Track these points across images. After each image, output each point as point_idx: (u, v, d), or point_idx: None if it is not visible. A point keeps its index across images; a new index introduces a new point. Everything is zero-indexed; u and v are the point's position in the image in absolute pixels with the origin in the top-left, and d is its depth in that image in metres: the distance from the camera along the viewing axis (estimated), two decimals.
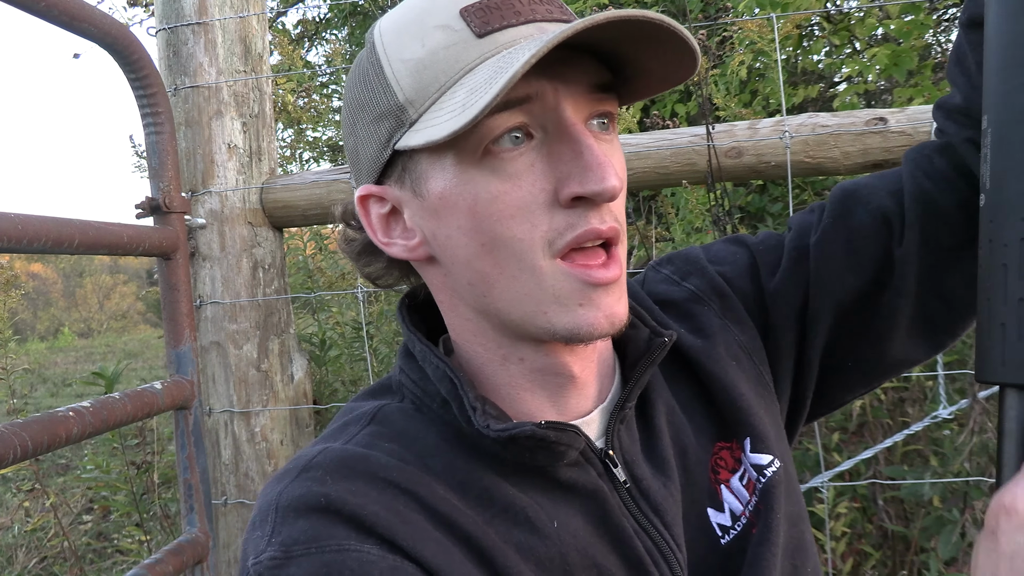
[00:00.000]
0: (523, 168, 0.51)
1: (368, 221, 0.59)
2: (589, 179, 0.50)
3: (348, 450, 0.55)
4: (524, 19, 0.51)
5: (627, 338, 0.63)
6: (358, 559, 0.48)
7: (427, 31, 0.52)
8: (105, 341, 14.60)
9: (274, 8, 4.24)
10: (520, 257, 0.52)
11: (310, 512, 0.50)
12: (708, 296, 0.69)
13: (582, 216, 0.51)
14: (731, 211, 2.00)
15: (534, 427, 0.53)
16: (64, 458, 4.30)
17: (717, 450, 0.64)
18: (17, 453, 0.91)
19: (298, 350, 1.69)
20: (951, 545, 1.70)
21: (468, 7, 0.51)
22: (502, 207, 0.51)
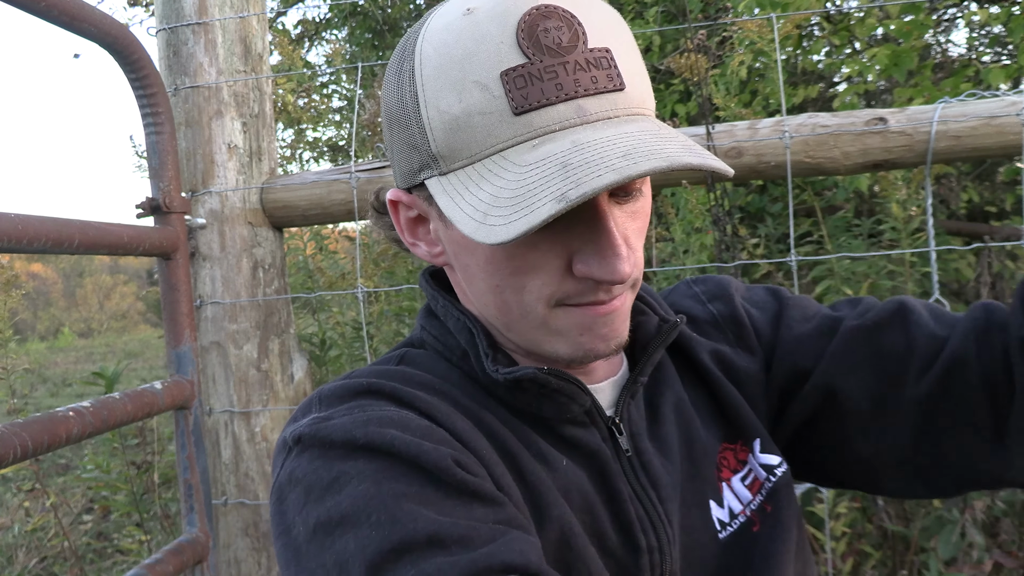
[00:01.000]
0: (542, 235, 0.52)
1: (397, 220, 0.62)
2: (600, 267, 0.52)
3: (376, 377, 0.58)
4: (565, 95, 0.49)
5: (636, 324, 0.64)
6: (400, 414, 0.52)
7: (466, 86, 0.50)
8: (105, 341, 14.60)
9: (274, 8, 4.24)
10: (526, 303, 0.55)
11: (353, 395, 0.55)
12: (727, 323, 0.72)
13: (591, 289, 0.54)
14: (731, 211, 2.00)
15: (536, 370, 0.56)
16: (64, 458, 4.30)
17: (722, 450, 0.66)
18: (17, 453, 0.91)
19: (298, 350, 1.69)
20: (951, 545, 1.70)
21: (509, 71, 0.49)
22: (518, 264, 0.54)
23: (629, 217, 0.55)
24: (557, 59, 0.49)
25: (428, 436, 0.51)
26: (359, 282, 1.70)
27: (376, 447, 0.50)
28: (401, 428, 0.51)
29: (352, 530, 0.47)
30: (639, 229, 0.56)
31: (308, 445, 0.52)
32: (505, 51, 0.49)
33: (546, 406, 0.59)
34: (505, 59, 0.49)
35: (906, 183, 1.79)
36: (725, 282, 0.75)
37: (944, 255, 2.04)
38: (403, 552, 0.45)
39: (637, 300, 0.66)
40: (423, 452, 0.49)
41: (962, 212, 2.55)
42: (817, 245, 2.08)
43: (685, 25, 2.21)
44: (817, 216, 2.04)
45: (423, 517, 0.46)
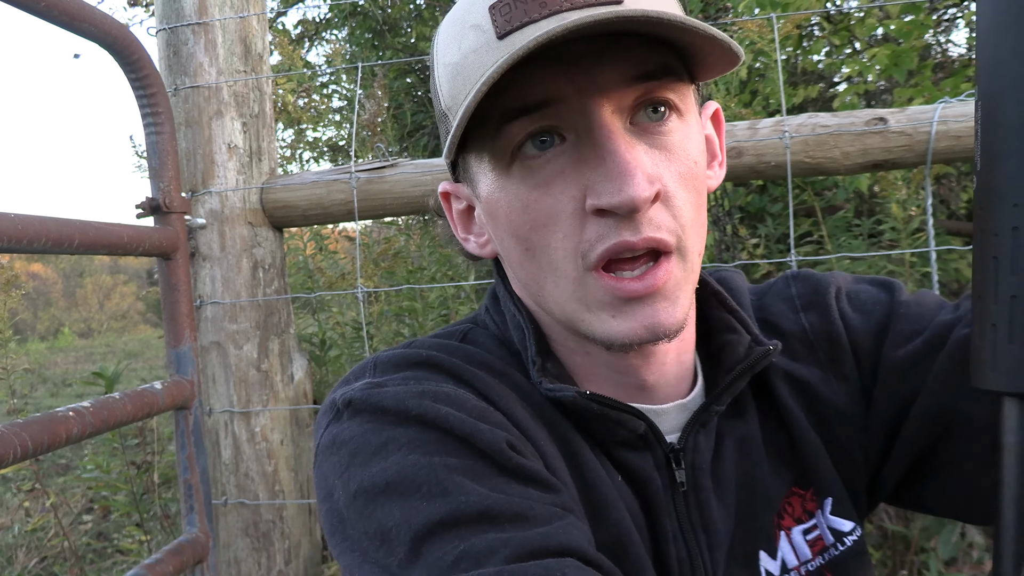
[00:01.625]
0: (552, 175, 0.49)
1: (451, 216, 0.60)
2: (608, 190, 0.46)
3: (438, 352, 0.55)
4: (548, 11, 0.46)
5: (724, 343, 0.59)
6: (456, 392, 0.49)
7: (464, 32, 0.49)
8: (105, 341, 14.60)
9: (274, 8, 4.24)
10: (556, 265, 0.50)
11: (410, 365, 0.53)
12: (819, 341, 0.62)
13: (613, 228, 0.48)
14: (731, 211, 2.00)
15: (576, 394, 0.51)
16: (64, 458, 4.30)
17: (789, 494, 0.59)
18: (17, 453, 0.91)
19: (298, 350, 1.69)
20: (951, 545, 1.70)
21: (497, 3, 0.47)
22: (534, 215, 0.49)
23: (661, 155, 0.49)
24: None
25: (484, 417, 0.48)
26: (359, 282, 1.70)
27: (428, 420, 0.47)
28: (456, 406, 0.48)
29: (398, 499, 0.44)
30: (680, 173, 0.50)
31: (358, 410, 0.49)
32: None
33: (594, 426, 0.54)
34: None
35: (906, 183, 1.79)
36: (824, 284, 0.64)
37: (944, 255, 2.04)
38: (452, 525, 0.42)
39: (728, 314, 0.60)
40: (477, 431, 0.46)
41: (962, 212, 2.55)
42: (817, 245, 2.08)
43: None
44: (817, 216, 2.04)
45: (475, 491, 0.43)
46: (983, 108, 0.46)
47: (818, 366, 0.61)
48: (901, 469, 0.59)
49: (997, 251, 0.45)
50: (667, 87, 0.49)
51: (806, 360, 0.61)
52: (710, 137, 0.59)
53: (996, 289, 0.46)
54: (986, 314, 0.47)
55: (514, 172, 0.50)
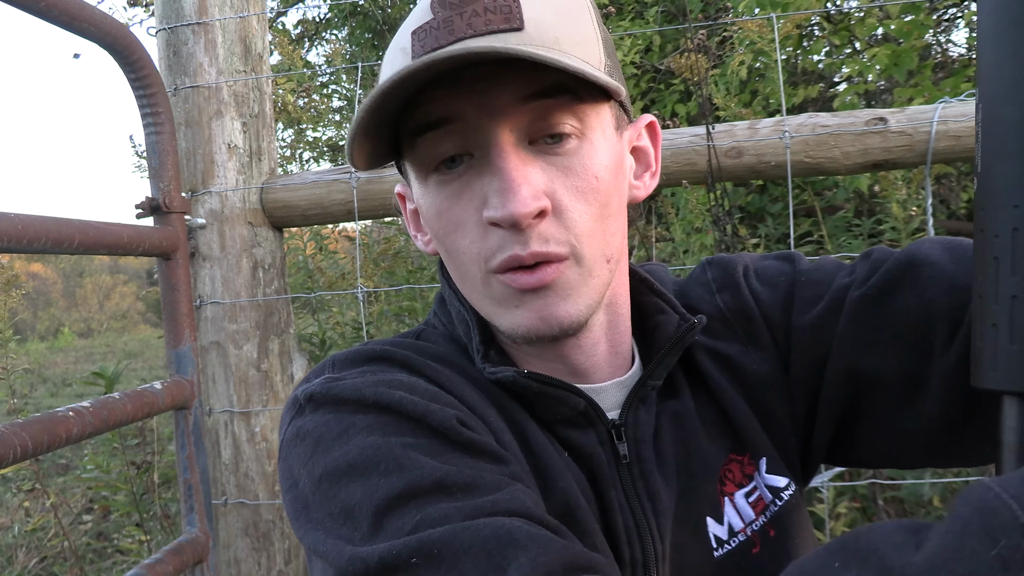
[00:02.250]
0: (460, 187, 0.53)
1: (405, 215, 0.65)
2: (494, 205, 0.51)
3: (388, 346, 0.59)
4: (454, 38, 0.50)
5: (656, 324, 0.63)
6: (408, 380, 0.54)
7: (395, 54, 0.54)
8: (105, 341, 14.60)
9: (274, 8, 4.24)
10: (467, 267, 0.55)
11: (366, 360, 0.57)
12: (735, 318, 0.66)
13: (508, 240, 0.52)
14: (731, 211, 2.00)
15: (515, 373, 0.56)
16: (64, 458, 4.30)
17: (728, 461, 0.63)
18: (17, 453, 0.91)
19: (298, 350, 1.69)
20: None
21: (417, 29, 0.52)
22: (446, 222, 0.55)
23: (558, 172, 0.53)
24: (456, 10, 0.51)
25: (435, 399, 0.52)
26: (359, 282, 1.70)
27: (384, 405, 0.51)
28: (410, 391, 0.52)
29: (359, 478, 0.47)
30: (577, 188, 0.53)
31: (319, 403, 0.53)
32: (421, 15, 0.52)
33: (537, 406, 0.58)
34: (418, 20, 0.52)
35: (906, 183, 1.79)
36: (733, 265, 0.69)
37: None
38: (409, 497, 0.46)
39: (656, 297, 0.64)
40: (430, 412, 0.50)
41: (962, 212, 2.55)
42: (817, 245, 2.08)
43: (685, 25, 2.21)
44: (817, 216, 2.04)
45: (429, 465, 0.47)
46: (983, 110, 0.47)
47: (737, 340, 0.66)
48: (830, 429, 0.64)
49: (998, 252, 0.46)
50: (564, 107, 0.52)
51: (726, 337, 0.66)
52: (643, 148, 0.63)
53: (997, 289, 0.46)
54: (986, 314, 0.47)
55: (431, 181, 0.55)
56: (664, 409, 0.63)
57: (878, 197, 2.08)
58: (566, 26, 0.52)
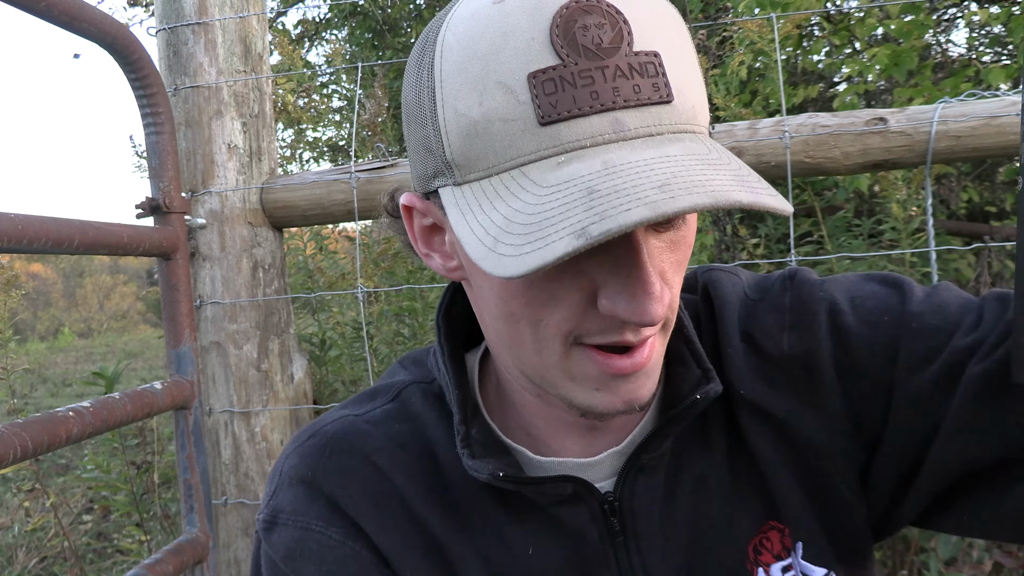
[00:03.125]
0: (564, 264, 0.45)
1: (411, 228, 0.55)
2: (625, 305, 0.44)
3: (357, 426, 0.59)
4: (600, 106, 0.42)
5: (671, 374, 0.57)
6: (319, 541, 0.55)
7: (488, 87, 0.43)
8: (105, 341, 14.60)
9: (274, 8, 4.24)
10: (543, 339, 0.48)
11: (300, 483, 0.57)
12: (796, 367, 0.57)
13: (616, 327, 0.47)
14: (731, 211, 2.00)
15: (490, 476, 0.53)
16: (64, 458, 4.30)
17: (766, 528, 0.56)
18: (17, 453, 0.91)
19: (298, 350, 1.69)
20: (951, 545, 1.70)
21: (538, 73, 0.42)
22: (535, 294, 0.47)
23: (668, 248, 0.47)
24: (595, 62, 0.42)
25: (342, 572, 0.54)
26: (359, 282, 1.70)
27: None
28: (317, 563, 0.54)
29: None
30: (678, 262, 0.49)
31: (264, 551, 0.58)
32: (536, 49, 0.43)
33: (524, 489, 0.54)
34: (535, 59, 0.43)
35: (906, 183, 1.79)
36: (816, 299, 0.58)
37: (944, 255, 2.04)
38: None
39: (682, 343, 0.57)
40: None
41: (962, 212, 2.55)
42: (817, 245, 2.08)
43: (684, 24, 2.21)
44: (817, 216, 2.04)
45: None
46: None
47: (794, 396, 0.57)
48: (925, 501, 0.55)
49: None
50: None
51: (780, 388, 0.57)
52: None
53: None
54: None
55: None
56: (688, 468, 0.57)
57: (878, 197, 2.08)
58: (693, 81, 0.46)
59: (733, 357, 0.58)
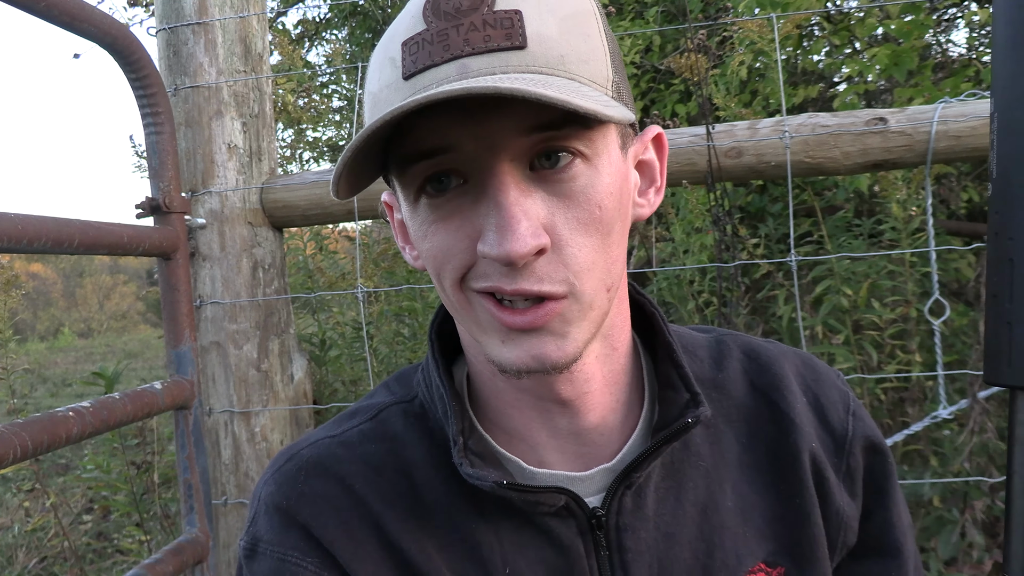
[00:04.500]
0: (449, 212, 0.50)
1: (392, 225, 0.61)
2: (489, 241, 0.47)
3: (333, 450, 0.60)
4: (450, 55, 0.47)
5: (663, 398, 0.59)
6: (294, 572, 0.56)
7: (383, 63, 0.51)
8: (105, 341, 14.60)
9: (274, 8, 4.24)
10: (448, 292, 0.53)
11: (276, 511, 0.59)
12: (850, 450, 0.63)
13: (495, 271, 0.49)
14: (731, 211, 2.00)
15: (494, 485, 0.53)
16: (64, 458, 4.30)
17: (756, 569, 0.59)
18: (17, 453, 0.91)
19: (298, 350, 1.69)
20: (951, 545, 1.70)
21: (408, 40, 0.49)
22: (430, 245, 0.51)
23: (560, 201, 0.49)
24: (452, 23, 0.47)
25: None
26: (359, 282, 1.70)
27: None
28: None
29: None
30: (577, 219, 0.49)
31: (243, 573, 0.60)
32: (411, 23, 0.49)
33: (515, 500, 0.55)
34: (409, 30, 0.49)
35: (906, 183, 1.79)
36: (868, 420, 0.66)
37: (944, 255, 2.04)
38: None
39: (671, 368, 0.60)
40: None
41: (962, 212, 2.55)
42: (817, 245, 2.08)
43: (685, 25, 2.21)
44: (817, 216, 2.04)
45: None
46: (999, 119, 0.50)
47: (836, 471, 0.62)
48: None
49: (1013, 254, 0.49)
50: (570, 135, 0.48)
51: (831, 459, 0.62)
52: (649, 162, 0.59)
53: (1011, 290, 0.49)
54: (1001, 313, 0.50)
55: (419, 204, 0.51)
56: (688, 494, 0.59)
57: (878, 197, 2.08)
58: (573, 40, 0.48)
59: (793, 402, 0.62)
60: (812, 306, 1.97)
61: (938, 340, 1.43)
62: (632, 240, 2.42)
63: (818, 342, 1.87)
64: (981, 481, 1.68)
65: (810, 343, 1.87)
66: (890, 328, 1.83)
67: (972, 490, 1.72)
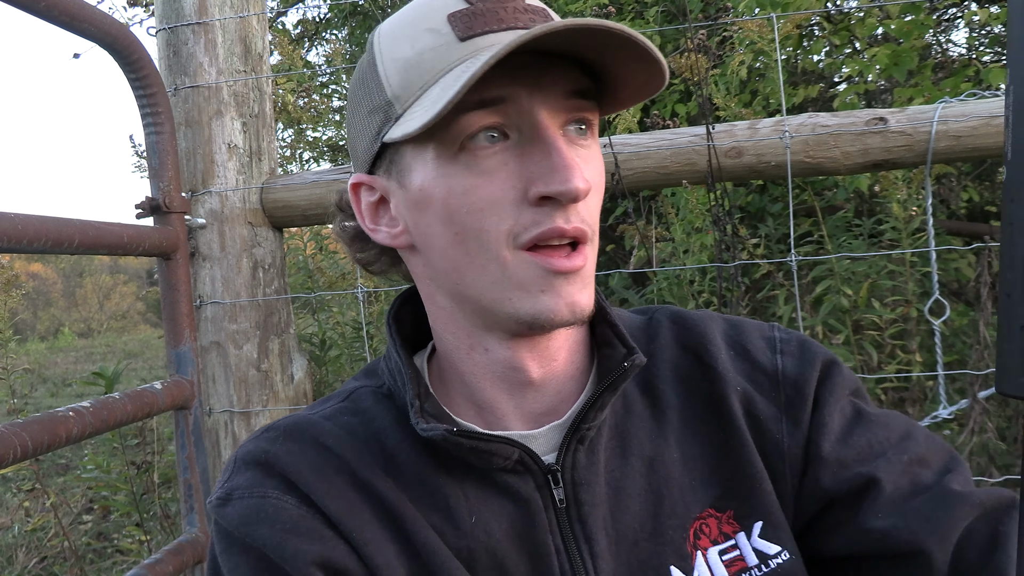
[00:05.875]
0: (496, 165, 0.54)
1: (358, 208, 0.63)
2: (555, 179, 0.52)
3: (309, 418, 0.63)
4: (506, 25, 0.53)
5: (603, 356, 0.63)
6: (275, 505, 0.57)
7: (418, 34, 0.55)
8: (105, 341, 14.60)
9: (274, 8, 4.24)
10: (487, 247, 0.55)
11: (254, 465, 0.60)
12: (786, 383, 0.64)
13: (548, 215, 0.54)
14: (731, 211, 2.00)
15: (445, 432, 0.56)
16: (64, 458, 4.30)
17: (705, 515, 0.61)
18: (17, 453, 0.91)
19: (298, 350, 1.69)
20: None
21: (455, 12, 0.54)
22: (473, 200, 0.54)
23: (583, 151, 0.57)
24: (498, 4, 0.54)
25: (297, 529, 0.56)
26: (359, 282, 1.70)
27: (250, 545, 0.56)
28: (272, 523, 0.56)
29: None
30: (595, 179, 0.57)
31: (216, 528, 0.59)
32: (451, 4, 0.55)
33: (472, 458, 0.58)
34: (451, 7, 0.54)
35: (906, 183, 1.79)
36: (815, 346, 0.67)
37: (944, 255, 2.04)
38: None
39: (607, 327, 0.63)
40: (285, 559, 0.55)
41: (962, 212, 2.55)
42: (817, 245, 2.08)
43: (685, 25, 2.21)
44: (817, 216, 2.04)
45: None
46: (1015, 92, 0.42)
47: (776, 405, 0.64)
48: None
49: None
50: (589, 109, 0.57)
51: (768, 396, 0.64)
52: None
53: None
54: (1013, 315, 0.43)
55: (460, 160, 0.54)
56: (634, 447, 0.62)
57: (878, 197, 2.08)
58: None
59: (716, 353, 0.66)
60: (812, 306, 1.97)
61: (938, 340, 1.43)
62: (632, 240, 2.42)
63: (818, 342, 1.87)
64: (981, 481, 1.68)
65: None
66: (890, 328, 1.84)
67: None
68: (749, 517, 0.61)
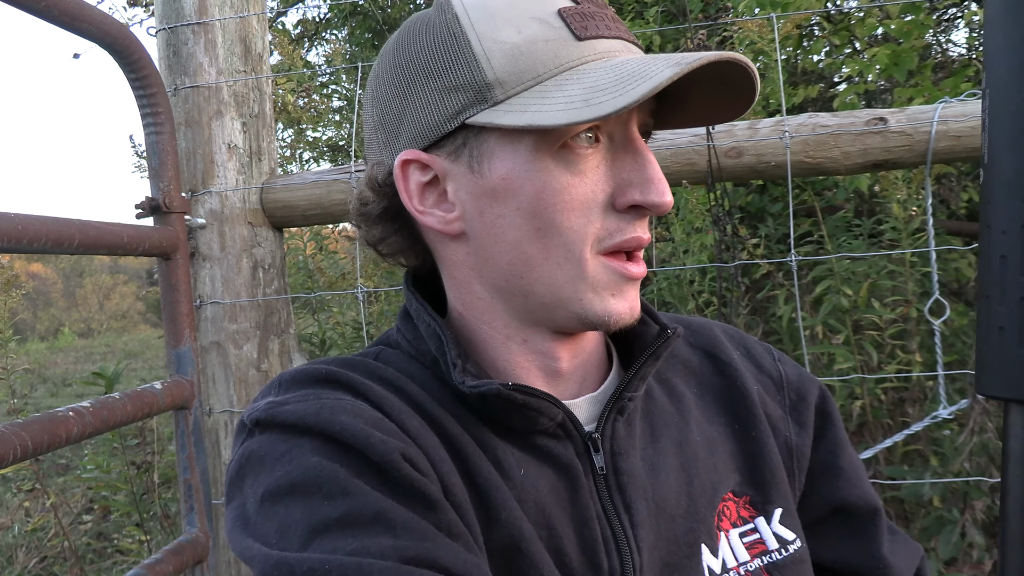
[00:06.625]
0: (591, 167, 0.55)
1: (406, 186, 0.59)
2: (651, 191, 0.54)
3: (352, 360, 0.61)
4: (614, 34, 0.55)
5: (635, 333, 0.65)
6: (352, 403, 0.54)
7: (524, 20, 0.54)
8: (105, 341, 14.60)
9: (274, 8, 4.24)
10: (570, 247, 0.55)
11: (312, 381, 0.56)
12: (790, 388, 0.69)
13: (630, 223, 0.56)
14: (731, 211, 2.00)
15: (500, 387, 0.55)
16: (64, 458, 4.30)
17: (727, 498, 0.63)
18: (17, 453, 0.91)
19: (298, 350, 1.69)
20: (951, 545, 1.70)
21: (567, 9, 0.54)
22: (567, 199, 0.54)
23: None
24: (600, 8, 0.56)
25: (378, 426, 0.52)
26: (359, 282, 1.70)
27: (327, 433, 0.51)
28: (353, 415, 0.52)
29: (301, 498, 0.48)
30: None
31: (264, 428, 0.53)
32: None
33: (515, 418, 0.57)
34: (559, 1, 0.55)
35: (906, 183, 1.79)
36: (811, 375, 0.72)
37: (944, 255, 2.04)
38: (348, 524, 0.47)
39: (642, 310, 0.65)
40: (371, 444, 0.50)
41: (962, 212, 2.55)
42: (817, 245, 2.08)
43: (685, 25, 2.21)
44: (817, 216, 2.04)
45: (373, 495, 0.48)
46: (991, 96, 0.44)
47: (781, 406, 0.68)
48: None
49: (1005, 249, 0.43)
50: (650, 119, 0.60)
51: (773, 396, 0.68)
52: None
53: (1004, 289, 0.44)
54: (993, 316, 0.44)
55: (559, 157, 0.54)
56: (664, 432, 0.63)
57: (878, 197, 2.08)
58: None
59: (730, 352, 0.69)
60: (812, 306, 1.97)
61: (938, 340, 1.43)
62: None
63: (818, 342, 1.87)
64: (981, 481, 1.68)
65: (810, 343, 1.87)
66: (890, 328, 1.84)
67: (972, 490, 1.72)
68: (768, 503, 0.64)
